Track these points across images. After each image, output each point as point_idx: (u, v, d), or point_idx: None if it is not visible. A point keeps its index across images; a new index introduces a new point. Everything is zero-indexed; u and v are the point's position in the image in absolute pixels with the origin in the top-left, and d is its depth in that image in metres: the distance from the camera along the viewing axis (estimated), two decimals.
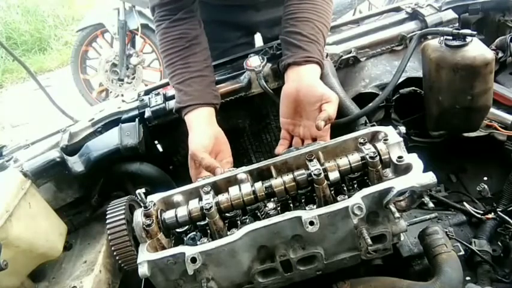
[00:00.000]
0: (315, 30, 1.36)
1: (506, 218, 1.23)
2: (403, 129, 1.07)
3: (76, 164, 1.40)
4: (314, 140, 1.29)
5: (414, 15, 1.64)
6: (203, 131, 1.34)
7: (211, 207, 0.99)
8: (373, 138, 1.09)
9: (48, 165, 1.35)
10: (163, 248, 1.01)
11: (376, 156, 0.99)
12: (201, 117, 1.37)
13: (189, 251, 0.93)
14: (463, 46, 1.24)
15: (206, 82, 1.42)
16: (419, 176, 0.93)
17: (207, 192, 1.04)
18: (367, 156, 0.99)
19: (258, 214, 1.07)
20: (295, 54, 1.35)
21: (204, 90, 1.40)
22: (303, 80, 1.31)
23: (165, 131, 1.59)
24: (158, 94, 1.58)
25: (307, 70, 1.32)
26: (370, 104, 1.36)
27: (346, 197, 0.99)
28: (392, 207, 0.94)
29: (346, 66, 1.59)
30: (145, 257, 0.95)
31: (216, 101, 1.42)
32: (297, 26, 1.37)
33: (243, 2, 1.78)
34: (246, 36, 1.92)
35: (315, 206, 1.00)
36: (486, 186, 1.40)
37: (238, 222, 1.06)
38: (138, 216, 1.02)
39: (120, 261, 1.02)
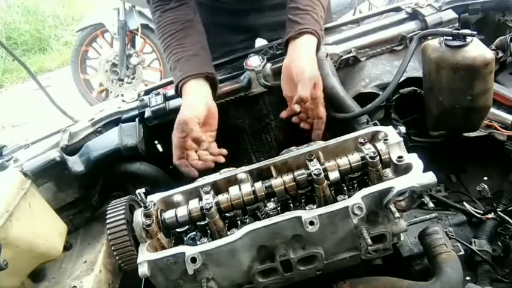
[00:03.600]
0: (312, 1, 1.40)
1: (506, 218, 1.22)
2: (403, 129, 1.07)
3: (76, 164, 1.40)
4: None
5: (414, 15, 1.64)
6: (196, 100, 1.36)
7: (211, 207, 0.99)
8: (373, 138, 1.09)
9: (48, 165, 1.35)
10: (163, 248, 1.02)
11: (376, 156, 0.99)
12: (194, 88, 1.39)
13: (189, 251, 0.93)
14: (463, 46, 1.24)
15: (201, 60, 1.44)
16: (419, 176, 0.93)
17: (207, 192, 1.04)
18: (367, 156, 0.99)
19: (258, 214, 1.07)
20: (291, 30, 1.39)
21: (199, 66, 1.42)
22: (294, 54, 1.36)
23: (165, 131, 1.59)
24: (158, 94, 1.58)
25: (301, 42, 1.37)
26: (371, 104, 1.36)
27: (346, 196, 0.99)
28: (392, 207, 0.94)
29: (346, 66, 1.59)
30: (145, 257, 0.95)
31: (211, 70, 1.44)
32: (296, 0, 1.41)
33: (246, 5, 1.78)
34: (247, 40, 1.92)
35: (315, 206, 1.00)
36: (486, 186, 1.40)
37: (238, 222, 1.06)
38: (138, 216, 1.02)
39: (120, 261, 1.02)
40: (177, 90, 1.42)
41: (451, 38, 1.27)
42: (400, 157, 0.99)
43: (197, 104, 1.35)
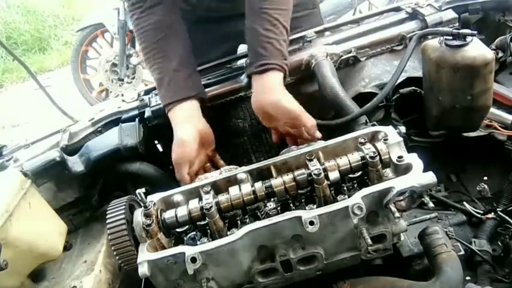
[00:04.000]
0: (271, 23, 1.32)
1: (506, 217, 1.22)
2: (403, 129, 1.07)
3: (76, 163, 1.40)
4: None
5: (414, 15, 1.64)
6: (186, 133, 1.33)
7: (211, 207, 0.99)
8: (373, 138, 1.09)
9: (48, 165, 1.35)
10: (163, 247, 1.02)
11: (376, 156, 0.99)
12: (183, 115, 1.37)
13: (189, 250, 0.93)
14: (463, 46, 1.24)
15: (184, 75, 1.40)
16: (419, 176, 0.93)
17: (207, 192, 1.04)
18: (367, 156, 0.99)
19: (258, 214, 1.07)
20: (254, 61, 1.34)
21: (182, 85, 1.39)
22: (266, 94, 1.32)
23: (165, 131, 1.59)
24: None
25: (268, 81, 1.32)
26: (369, 104, 1.36)
27: (346, 196, 0.99)
28: (392, 207, 0.94)
29: (346, 66, 1.59)
30: (145, 256, 0.95)
31: (195, 91, 1.40)
32: (254, 20, 1.34)
33: (230, 12, 1.73)
34: (231, 47, 1.85)
35: (315, 206, 1.00)
36: (486, 186, 1.40)
37: (238, 222, 1.06)
38: (138, 216, 1.02)
39: (120, 261, 1.02)
40: (164, 111, 1.41)
41: (451, 37, 1.27)
42: (400, 157, 0.99)
43: (187, 138, 1.32)
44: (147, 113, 1.53)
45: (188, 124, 1.35)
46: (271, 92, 1.32)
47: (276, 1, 1.35)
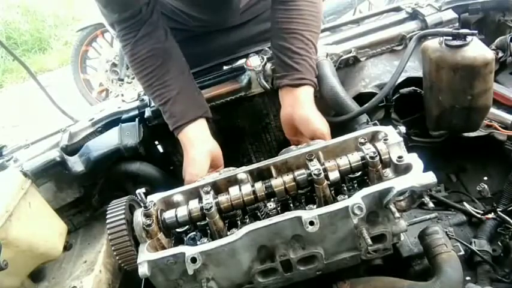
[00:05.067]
0: (304, 42, 1.34)
1: (506, 218, 1.22)
2: (403, 129, 1.07)
3: (76, 163, 1.40)
4: None
5: (414, 15, 1.64)
6: (197, 155, 1.32)
7: (211, 207, 0.98)
8: (373, 138, 1.09)
9: (48, 165, 1.35)
10: (163, 248, 1.02)
11: (376, 156, 0.99)
12: (191, 136, 1.36)
13: (189, 251, 0.93)
14: (463, 46, 1.24)
15: (187, 96, 1.39)
16: (419, 176, 0.93)
17: (207, 192, 1.04)
18: (367, 156, 0.99)
19: (258, 214, 1.07)
20: (288, 74, 1.35)
21: (187, 106, 1.37)
22: (297, 107, 1.33)
23: (165, 131, 1.59)
24: None
25: (301, 94, 1.34)
26: (368, 103, 1.36)
27: (346, 196, 0.99)
28: (392, 207, 0.94)
29: (346, 66, 1.59)
30: (145, 257, 0.95)
31: (202, 110, 1.39)
32: (286, 39, 1.35)
33: (219, 27, 1.73)
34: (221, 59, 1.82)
35: (315, 206, 1.00)
36: (486, 186, 1.40)
37: (238, 222, 1.06)
38: (138, 216, 1.02)
39: (120, 261, 1.02)
40: (173, 133, 1.39)
41: (451, 38, 1.27)
42: (400, 157, 0.99)
43: (200, 159, 1.31)
44: (147, 113, 1.54)
45: (200, 145, 1.34)
46: (303, 106, 1.33)
47: (309, 24, 1.35)
